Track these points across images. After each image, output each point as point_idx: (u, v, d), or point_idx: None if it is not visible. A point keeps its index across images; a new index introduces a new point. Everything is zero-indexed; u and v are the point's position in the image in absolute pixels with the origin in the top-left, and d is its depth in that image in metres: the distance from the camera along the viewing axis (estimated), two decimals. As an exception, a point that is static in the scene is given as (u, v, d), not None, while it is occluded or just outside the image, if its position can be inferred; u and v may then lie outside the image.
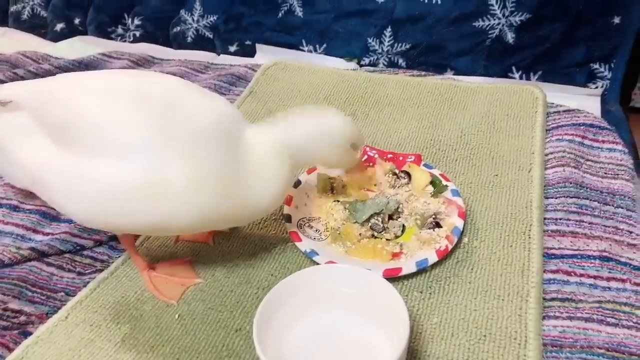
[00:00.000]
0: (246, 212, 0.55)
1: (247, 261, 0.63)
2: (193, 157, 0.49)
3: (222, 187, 0.51)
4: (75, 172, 0.50)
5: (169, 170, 0.48)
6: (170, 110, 0.50)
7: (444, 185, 0.68)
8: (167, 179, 0.48)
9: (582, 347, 0.51)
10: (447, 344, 0.53)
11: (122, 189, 0.49)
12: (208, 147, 0.50)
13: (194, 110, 0.52)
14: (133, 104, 0.50)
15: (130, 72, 0.58)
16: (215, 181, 0.50)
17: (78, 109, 0.51)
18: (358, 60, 1.06)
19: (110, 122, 0.49)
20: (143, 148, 0.48)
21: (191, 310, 0.58)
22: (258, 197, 0.54)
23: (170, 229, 0.53)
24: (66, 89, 0.53)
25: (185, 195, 0.49)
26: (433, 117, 0.85)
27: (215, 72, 1.03)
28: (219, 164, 0.51)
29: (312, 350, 0.51)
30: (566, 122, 0.81)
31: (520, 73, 0.99)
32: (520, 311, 0.55)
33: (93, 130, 0.49)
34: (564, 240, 0.62)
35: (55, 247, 0.66)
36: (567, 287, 0.57)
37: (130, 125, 0.49)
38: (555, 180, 0.70)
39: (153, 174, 0.48)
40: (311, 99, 0.91)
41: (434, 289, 0.58)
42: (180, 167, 0.49)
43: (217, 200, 0.51)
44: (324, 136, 0.58)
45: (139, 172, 0.48)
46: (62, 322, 0.57)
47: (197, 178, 0.49)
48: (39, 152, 0.53)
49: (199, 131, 0.50)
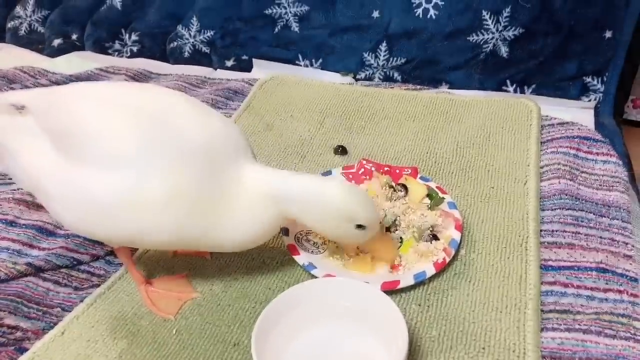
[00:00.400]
0: (217, 242, 0.53)
1: (244, 275, 0.63)
2: (173, 174, 0.49)
3: (198, 210, 0.50)
4: (68, 179, 0.51)
5: (150, 183, 0.49)
6: (164, 126, 0.51)
7: (440, 198, 0.68)
8: (146, 192, 0.49)
9: (581, 358, 0.51)
10: (445, 356, 0.53)
11: (106, 198, 0.49)
12: (191, 166, 0.50)
13: (185, 129, 0.51)
14: (129, 117, 0.50)
15: (135, 85, 0.58)
16: (192, 202, 0.50)
17: (76, 117, 0.51)
18: (354, 75, 1.07)
19: (102, 132, 0.50)
20: (129, 160, 0.49)
21: (189, 325, 0.58)
22: (230, 232, 0.53)
23: (150, 243, 0.53)
24: (70, 96, 0.54)
25: (161, 210, 0.49)
26: (429, 130, 0.85)
27: (212, 86, 1.03)
28: (200, 186, 0.50)
29: (311, 364, 0.51)
30: (560, 134, 0.81)
31: (515, 86, 1.00)
32: (519, 323, 0.55)
33: (86, 139, 0.50)
34: (560, 252, 0.62)
35: (51, 262, 0.65)
36: (564, 298, 0.57)
37: (120, 137, 0.49)
38: (551, 193, 0.71)
39: (134, 185, 0.49)
40: (308, 113, 0.92)
41: (432, 302, 0.58)
42: (159, 183, 0.49)
43: (191, 222, 0.51)
44: (315, 205, 0.53)
45: (122, 182, 0.49)
46: (59, 338, 0.57)
47: (174, 195, 0.49)
48: (40, 157, 0.53)
49: (185, 150, 0.50)
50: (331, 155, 0.82)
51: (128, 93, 0.54)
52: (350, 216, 0.53)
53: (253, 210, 0.52)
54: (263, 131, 0.88)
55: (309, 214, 0.54)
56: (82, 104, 0.52)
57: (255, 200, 0.52)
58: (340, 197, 0.53)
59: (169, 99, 0.54)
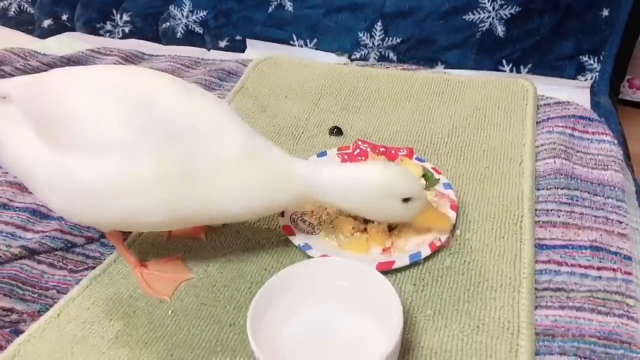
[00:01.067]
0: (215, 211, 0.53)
1: (240, 256, 0.63)
2: (163, 152, 0.49)
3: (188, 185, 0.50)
4: (55, 165, 0.51)
5: (138, 164, 0.49)
6: (149, 108, 0.50)
7: (435, 179, 0.68)
8: (136, 173, 0.49)
9: (574, 335, 0.52)
10: (440, 335, 0.53)
11: (95, 183, 0.49)
12: (179, 144, 0.50)
13: (172, 109, 0.51)
14: (114, 100, 0.50)
15: (122, 68, 0.58)
16: (183, 178, 0.50)
17: (61, 102, 0.51)
18: (349, 55, 1.06)
19: (88, 117, 0.50)
20: (117, 144, 0.49)
21: (184, 306, 0.58)
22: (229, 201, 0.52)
23: (142, 225, 0.54)
24: (53, 83, 0.54)
25: (153, 189, 0.49)
26: (424, 111, 0.85)
27: (206, 67, 1.02)
28: (189, 162, 0.50)
29: (306, 343, 0.51)
30: (556, 114, 0.81)
31: (511, 66, 0.99)
32: (513, 301, 0.55)
33: (72, 124, 0.50)
34: (555, 231, 0.63)
35: (46, 244, 0.65)
36: (558, 277, 0.58)
37: (105, 121, 0.49)
38: (546, 172, 0.71)
39: (124, 170, 0.49)
40: (302, 94, 0.91)
41: (427, 281, 0.58)
42: (149, 161, 0.49)
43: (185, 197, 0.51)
44: (357, 192, 0.54)
45: (111, 167, 0.49)
46: (54, 320, 0.57)
47: (164, 172, 0.49)
48: (25, 145, 0.53)
49: (173, 129, 0.50)
50: (326, 136, 0.82)
51: (111, 77, 0.53)
52: (396, 192, 0.54)
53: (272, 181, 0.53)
54: (257, 112, 0.88)
55: (350, 202, 0.55)
56: (65, 90, 0.52)
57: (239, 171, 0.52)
58: (382, 176, 0.54)
59: (153, 81, 0.54)
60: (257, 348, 0.46)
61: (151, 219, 0.51)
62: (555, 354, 0.50)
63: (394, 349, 0.46)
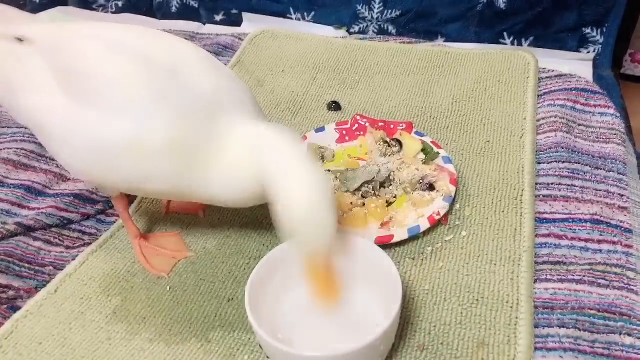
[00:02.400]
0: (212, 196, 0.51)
1: (238, 232, 0.63)
2: (175, 123, 0.48)
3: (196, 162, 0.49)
4: (73, 118, 0.50)
5: (153, 131, 0.48)
6: (172, 75, 0.50)
7: (435, 152, 0.68)
8: (149, 139, 0.48)
9: (573, 308, 0.52)
10: (439, 308, 0.53)
11: (107, 142, 0.49)
12: (192, 117, 0.49)
13: (192, 80, 0.50)
14: (139, 64, 0.50)
15: (149, 31, 0.55)
16: (191, 153, 0.49)
17: (86, 58, 0.50)
18: (347, 28, 1.04)
19: (112, 76, 0.49)
20: (135, 106, 0.48)
21: (182, 281, 0.58)
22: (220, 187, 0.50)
23: (150, 190, 0.52)
24: (81, 36, 0.53)
25: (162, 158, 0.49)
26: (424, 84, 0.84)
27: (201, 41, 1.01)
28: (200, 138, 0.49)
29: (305, 317, 0.51)
30: (558, 87, 0.80)
31: (512, 39, 0.98)
32: (512, 275, 0.55)
33: (96, 82, 0.49)
34: (555, 205, 0.62)
35: (41, 221, 0.65)
36: (558, 250, 0.58)
37: (127, 84, 0.49)
38: (547, 145, 0.70)
39: (135, 132, 0.48)
40: (300, 68, 0.90)
41: (425, 255, 0.58)
42: (161, 131, 0.48)
43: (189, 173, 0.50)
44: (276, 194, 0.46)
45: (126, 127, 0.48)
46: (51, 296, 0.57)
47: (173, 143, 0.48)
48: (45, 96, 0.52)
49: (189, 100, 0.49)
50: (324, 111, 0.81)
51: (140, 39, 0.53)
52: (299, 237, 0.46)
53: (240, 166, 0.49)
54: (254, 87, 0.87)
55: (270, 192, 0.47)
56: (94, 46, 0.51)
57: (242, 156, 0.49)
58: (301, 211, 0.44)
59: (180, 49, 0.53)
60: (255, 322, 0.46)
61: (156, 186, 0.51)
62: (554, 326, 0.51)
63: (393, 322, 0.46)
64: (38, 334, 0.53)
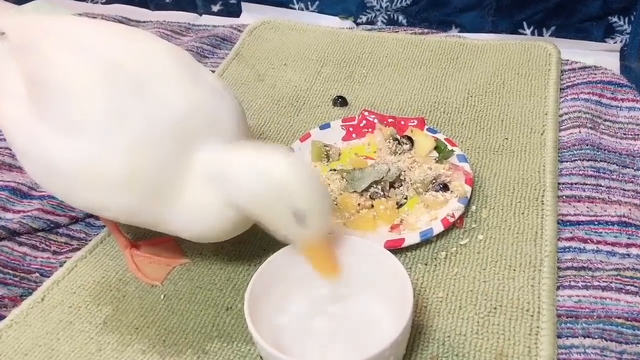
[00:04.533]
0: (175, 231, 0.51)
1: (237, 236, 0.63)
2: (137, 148, 0.47)
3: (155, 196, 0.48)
4: (30, 133, 0.50)
5: (110, 159, 0.47)
6: (140, 91, 0.48)
7: (449, 151, 0.68)
8: (104, 167, 0.47)
9: (600, 317, 0.52)
10: (454, 317, 0.53)
11: (63, 164, 0.48)
12: (158, 142, 0.47)
13: (162, 98, 0.48)
14: (104, 75, 0.48)
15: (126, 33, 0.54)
16: (150, 187, 0.48)
17: (46, 63, 0.50)
18: (354, 18, 1.05)
19: (68, 88, 0.48)
20: (93, 127, 0.47)
21: (178, 289, 0.59)
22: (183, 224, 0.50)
23: (109, 217, 0.52)
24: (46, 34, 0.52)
25: (117, 189, 0.48)
26: (437, 78, 0.84)
27: (197, 34, 1.02)
28: (162, 170, 0.47)
29: (309, 327, 0.51)
30: (582, 79, 0.81)
31: (532, 28, 0.98)
32: (533, 281, 0.55)
33: (55, 93, 0.49)
34: (579, 206, 0.63)
35: (27, 225, 0.66)
36: (583, 255, 0.58)
37: (85, 96, 0.48)
38: (571, 143, 0.70)
39: (93, 157, 0.47)
40: (303, 62, 0.91)
41: (439, 261, 0.59)
42: (120, 157, 0.47)
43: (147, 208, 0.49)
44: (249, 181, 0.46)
45: (82, 151, 0.47)
46: (38, 304, 0.57)
47: (132, 172, 0.47)
48: (11, 101, 0.52)
49: (155, 122, 0.47)
50: (330, 107, 0.82)
51: (111, 41, 0.52)
52: (287, 196, 0.45)
53: (197, 200, 0.48)
54: (254, 82, 0.88)
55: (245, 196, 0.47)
56: (57, 48, 0.50)
57: (200, 189, 0.47)
58: (280, 171, 0.45)
59: (156, 56, 0.51)
60: (256, 333, 0.46)
61: (117, 215, 0.51)
62: (579, 336, 0.51)
63: (404, 332, 0.46)
64: (24, 345, 0.54)
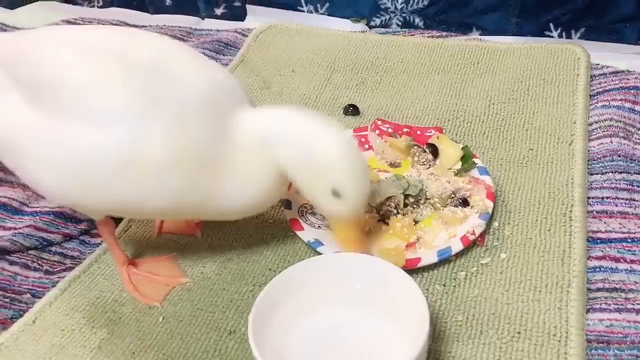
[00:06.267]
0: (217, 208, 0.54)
1: (241, 255, 0.64)
2: (176, 129, 0.50)
3: (203, 171, 0.51)
4: (49, 137, 0.51)
5: (148, 142, 0.49)
6: (157, 75, 0.51)
7: (471, 162, 0.68)
8: (145, 152, 0.49)
9: (633, 342, 0.52)
10: (474, 343, 0.53)
11: (96, 159, 0.50)
12: (194, 120, 0.51)
13: (183, 77, 0.52)
14: (117, 65, 0.51)
15: (119, 29, 0.58)
16: (197, 161, 0.51)
17: (55, 67, 0.52)
18: (367, 21, 1.06)
19: (89, 84, 0.50)
20: (122, 115, 0.49)
21: (177, 311, 0.59)
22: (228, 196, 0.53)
23: (147, 211, 0.54)
24: (44, 43, 0.54)
25: (164, 171, 0.50)
26: (456, 85, 0.85)
27: (200, 39, 1.03)
28: (204, 143, 0.51)
29: (317, 352, 0.52)
30: (614, 85, 0.81)
31: (560, 30, 0.98)
32: (561, 304, 0.55)
33: (70, 91, 0.51)
34: (611, 222, 0.63)
35: (18, 243, 0.67)
36: (615, 275, 0.58)
37: (110, 89, 0.50)
38: (601, 154, 0.71)
39: (130, 145, 0.49)
40: (312, 68, 0.92)
41: (459, 282, 0.59)
42: (161, 140, 0.49)
43: (195, 185, 0.51)
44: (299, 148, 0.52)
45: (116, 141, 0.49)
46: (29, 327, 0.58)
47: (177, 153, 0.50)
48: (10, 112, 0.53)
49: (186, 101, 0.51)
50: (341, 116, 0.82)
51: (112, 38, 0.55)
52: (330, 174, 0.51)
53: (248, 165, 0.52)
54: (260, 90, 0.89)
55: (291, 159, 0.52)
56: (60, 52, 0.53)
57: (249, 153, 0.52)
58: (331, 145, 0.51)
59: (160, 43, 0.55)
60: (260, 358, 0.47)
61: (158, 204, 0.52)
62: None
63: (419, 357, 0.46)
64: (14, 371, 0.55)
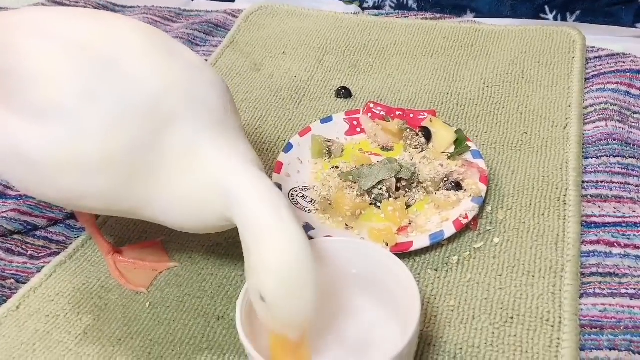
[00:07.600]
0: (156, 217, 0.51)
1: (229, 239, 0.64)
2: (110, 130, 0.47)
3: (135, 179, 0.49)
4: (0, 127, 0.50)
5: (83, 143, 0.47)
6: (107, 72, 0.49)
7: (464, 146, 0.68)
8: (78, 152, 0.48)
9: (627, 327, 0.52)
10: (467, 328, 0.53)
11: (34, 152, 0.49)
12: (134, 122, 0.48)
13: (135, 75, 0.49)
14: (66, 59, 0.49)
15: (97, 16, 0.55)
16: (130, 169, 0.48)
17: (13, 55, 0.51)
18: (360, 3, 1.05)
19: (32, 77, 0.49)
20: (62, 112, 0.48)
21: (164, 297, 0.59)
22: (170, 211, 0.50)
23: (87, 209, 0.53)
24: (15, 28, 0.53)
25: (94, 174, 0.48)
26: (450, 67, 0.85)
27: (189, 20, 1.02)
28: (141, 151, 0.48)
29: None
30: (609, 68, 0.81)
31: (555, 13, 0.98)
32: (554, 289, 0.55)
33: (15, 83, 0.50)
34: (606, 207, 0.63)
35: (2, 227, 0.66)
36: (609, 260, 0.58)
37: (55, 84, 0.48)
38: (596, 137, 0.70)
39: (65, 143, 0.48)
40: (304, 50, 0.91)
41: (451, 266, 0.59)
42: (95, 143, 0.47)
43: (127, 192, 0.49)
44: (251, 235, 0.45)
45: (52, 138, 0.48)
46: (13, 313, 0.58)
47: (110, 160, 0.48)
48: None
49: (130, 101, 0.48)
50: (332, 99, 0.82)
51: (78, 25, 0.53)
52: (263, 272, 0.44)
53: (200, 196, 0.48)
54: (250, 72, 0.88)
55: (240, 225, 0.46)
56: (23, 37, 0.51)
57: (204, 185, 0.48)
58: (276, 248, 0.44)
59: (126, 32, 0.52)
60: (249, 344, 0.47)
61: (93, 205, 0.51)
62: (604, 348, 0.51)
63: (410, 344, 0.46)
64: (-3, 358, 0.54)
